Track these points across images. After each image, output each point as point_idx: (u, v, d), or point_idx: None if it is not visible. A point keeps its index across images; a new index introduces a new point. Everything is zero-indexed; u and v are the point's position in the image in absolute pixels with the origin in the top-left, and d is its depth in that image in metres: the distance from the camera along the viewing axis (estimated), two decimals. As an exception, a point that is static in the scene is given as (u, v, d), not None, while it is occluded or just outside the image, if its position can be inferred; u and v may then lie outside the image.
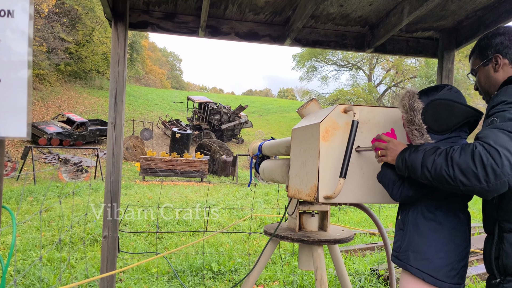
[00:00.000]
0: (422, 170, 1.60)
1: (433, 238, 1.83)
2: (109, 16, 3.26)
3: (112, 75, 3.26)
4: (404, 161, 1.71)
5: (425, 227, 1.86)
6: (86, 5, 32.54)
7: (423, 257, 1.83)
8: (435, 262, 1.80)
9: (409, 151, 1.71)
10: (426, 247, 1.83)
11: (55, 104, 28.94)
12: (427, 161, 1.58)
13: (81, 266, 5.15)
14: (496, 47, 1.80)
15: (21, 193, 10.48)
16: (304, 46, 3.91)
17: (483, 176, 1.40)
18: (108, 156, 3.27)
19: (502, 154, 1.38)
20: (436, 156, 1.55)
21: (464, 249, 1.83)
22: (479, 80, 1.90)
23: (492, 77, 1.82)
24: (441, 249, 1.81)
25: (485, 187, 1.41)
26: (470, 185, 1.43)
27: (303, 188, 2.28)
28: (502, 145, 1.40)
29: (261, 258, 2.92)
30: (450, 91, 1.90)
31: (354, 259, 5.63)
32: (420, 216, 1.89)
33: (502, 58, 1.79)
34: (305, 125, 2.32)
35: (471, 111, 1.83)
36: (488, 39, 1.84)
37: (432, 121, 1.86)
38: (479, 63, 1.88)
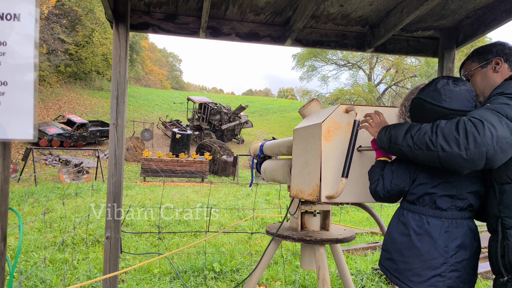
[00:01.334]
0: (405, 136, 1.64)
1: (399, 240, 1.79)
2: (110, 17, 3.27)
3: (113, 76, 3.27)
4: (388, 130, 1.77)
5: (394, 228, 1.85)
6: (86, 6, 32.55)
7: (389, 256, 1.83)
8: (398, 264, 1.77)
9: (394, 124, 1.79)
10: (392, 248, 1.82)
11: (56, 105, 28.95)
12: (412, 129, 1.64)
13: (83, 267, 5.16)
14: (497, 53, 1.86)
15: (26, 194, 10.49)
16: (305, 46, 3.92)
17: (464, 143, 1.45)
18: (110, 157, 3.28)
19: (485, 125, 1.43)
20: (423, 125, 1.62)
21: (433, 259, 1.69)
22: (475, 81, 1.91)
23: (490, 77, 1.84)
24: (404, 253, 1.76)
25: (463, 155, 1.45)
26: (450, 151, 1.48)
27: (305, 188, 2.29)
28: (487, 120, 1.45)
29: (263, 258, 2.93)
30: (436, 86, 1.76)
31: (356, 258, 5.64)
32: (396, 216, 1.89)
33: (503, 62, 1.84)
34: (306, 125, 2.33)
35: (443, 111, 1.69)
36: (488, 47, 1.89)
37: (413, 120, 1.86)
38: (476, 65, 1.91)
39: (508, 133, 1.45)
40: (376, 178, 1.90)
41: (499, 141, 1.43)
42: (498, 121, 1.46)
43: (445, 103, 1.69)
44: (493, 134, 1.42)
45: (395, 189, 1.82)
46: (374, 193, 1.90)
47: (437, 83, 1.77)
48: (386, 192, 1.84)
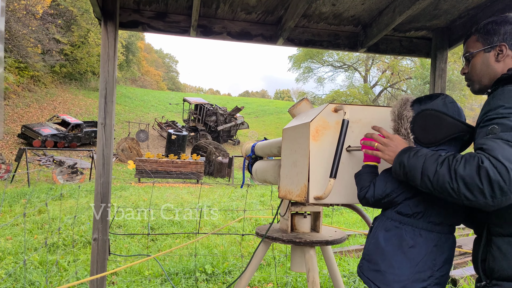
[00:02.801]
0: (423, 178, 1.50)
1: (387, 251, 1.73)
2: (99, 15, 3.22)
3: (102, 75, 3.22)
4: (403, 165, 1.60)
5: (382, 237, 1.77)
6: (81, 6, 32.46)
7: (375, 268, 1.76)
8: (386, 276, 1.71)
9: (408, 155, 1.59)
10: (379, 259, 1.75)
11: (50, 105, 28.81)
12: (428, 170, 1.48)
13: (73, 269, 5.10)
14: (504, 36, 1.66)
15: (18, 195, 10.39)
16: (297, 45, 3.88)
17: (489, 192, 1.32)
18: (98, 157, 3.22)
19: (510, 170, 1.31)
20: (438, 165, 1.45)
21: (423, 272, 1.67)
22: (475, 65, 1.74)
23: (491, 66, 1.68)
24: (393, 265, 1.70)
25: (490, 203, 1.34)
26: (475, 200, 1.36)
27: (293, 188, 2.25)
28: (509, 159, 1.32)
29: (253, 260, 2.88)
30: (444, 101, 1.73)
31: (349, 260, 5.60)
32: (381, 225, 1.81)
33: (508, 48, 1.65)
34: (295, 124, 2.29)
35: (462, 127, 1.67)
36: (496, 25, 1.68)
37: (420, 132, 1.74)
38: (480, 47, 1.71)
39: None
40: (366, 185, 1.83)
41: None
42: None
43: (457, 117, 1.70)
44: None
45: (387, 199, 1.76)
46: (363, 199, 1.84)
47: (446, 99, 1.73)
48: (376, 200, 1.79)
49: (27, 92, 28.11)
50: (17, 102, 26.21)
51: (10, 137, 21.79)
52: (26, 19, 24.68)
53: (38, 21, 26.28)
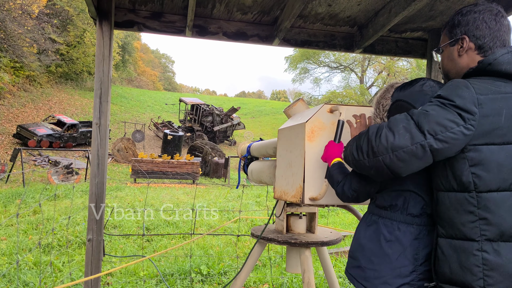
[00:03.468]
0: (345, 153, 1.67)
1: (368, 247, 1.69)
2: (94, 14, 3.21)
3: (97, 75, 3.20)
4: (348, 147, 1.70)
5: (361, 233, 1.75)
6: (77, 6, 32.33)
7: (356, 264, 1.72)
8: (366, 272, 1.67)
9: None
10: (360, 255, 1.72)
11: (46, 105, 28.69)
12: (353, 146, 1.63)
13: (67, 269, 5.07)
14: (466, 27, 1.57)
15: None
16: (293, 46, 3.88)
17: (365, 150, 1.50)
18: (92, 157, 3.21)
19: (383, 134, 1.44)
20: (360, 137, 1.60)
21: (404, 267, 1.61)
22: (442, 60, 1.69)
23: (455, 60, 1.61)
24: (372, 260, 1.66)
25: (366, 162, 1.50)
26: (358, 159, 1.54)
27: (289, 189, 2.24)
28: (392, 127, 1.44)
29: (248, 261, 2.87)
30: (422, 87, 1.67)
31: (344, 261, 5.60)
32: (363, 220, 1.78)
33: (468, 41, 1.56)
34: (290, 125, 2.29)
35: None
36: (461, 15, 1.59)
37: None
38: (446, 40, 1.65)
39: (408, 142, 1.38)
40: (340, 179, 1.79)
41: (394, 150, 1.40)
42: (403, 129, 1.40)
43: None
44: (388, 142, 1.41)
45: (362, 189, 1.71)
46: (342, 194, 1.78)
47: (424, 84, 1.66)
48: (353, 192, 1.73)
49: (23, 92, 27.99)
50: (13, 102, 26.09)
51: (5, 137, 21.69)
52: (21, 19, 24.56)
53: (34, 20, 26.16)
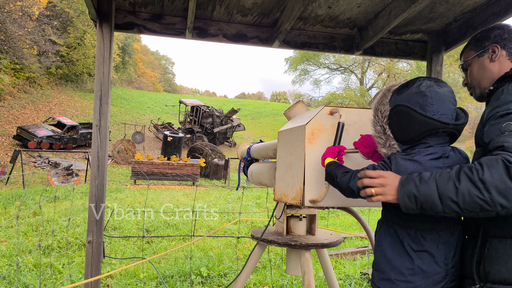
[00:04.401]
0: (445, 202, 1.35)
1: (394, 258, 1.64)
2: (94, 17, 3.21)
3: (97, 76, 3.20)
4: (413, 197, 1.43)
5: (386, 244, 1.69)
6: (77, 8, 32.37)
7: (385, 277, 1.67)
8: (398, 284, 1.63)
9: (414, 185, 1.43)
10: (388, 268, 1.66)
11: (46, 107, 28.71)
12: (447, 191, 1.34)
13: (67, 271, 5.07)
14: (495, 39, 1.70)
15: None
16: (293, 48, 3.88)
17: None
18: (92, 159, 3.20)
19: None
20: (456, 182, 1.33)
21: (436, 274, 1.58)
22: (472, 71, 1.76)
23: (487, 67, 1.70)
24: (403, 272, 1.62)
25: None
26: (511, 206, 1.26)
27: (289, 191, 2.24)
28: None
29: (248, 263, 2.87)
30: (419, 88, 1.63)
31: (345, 263, 5.60)
32: (384, 230, 1.73)
33: (500, 48, 1.68)
34: (291, 127, 2.29)
35: (433, 124, 1.58)
36: (485, 32, 1.73)
37: (395, 129, 1.68)
38: (473, 54, 1.75)
39: None
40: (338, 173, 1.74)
41: None
42: None
43: (433, 106, 1.59)
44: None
45: None
46: (346, 189, 1.73)
47: (421, 85, 1.63)
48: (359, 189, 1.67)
49: (23, 94, 28.01)
50: (13, 104, 26.10)
51: (5, 138, 21.69)
52: (22, 21, 24.58)
53: (34, 22, 26.18)
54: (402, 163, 1.61)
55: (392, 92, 1.73)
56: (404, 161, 1.61)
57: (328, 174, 1.84)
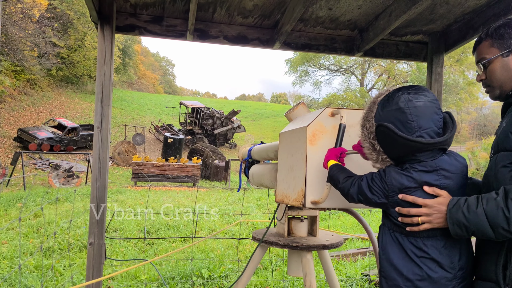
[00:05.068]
0: (497, 231, 1.39)
1: (401, 265, 1.63)
2: (95, 19, 3.22)
3: (98, 78, 3.21)
4: (464, 226, 1.46)
5: (391, 251, 1.67)
6: (78, 10, 32.45)
7: (394, 283, 1.65)
8: None
9: (463, 215, 1.46)
10: (395, 274, 1.65)
11: (47, 109, 28.73)
12: (498, 221, 1.38)
13: (69, 273, 5.07)
14: None
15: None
16: (294, 49, 3.89)
17: None
18: (94, 161, 3.21)
19: None
20: (506, 210, 1.37)
21: (443, 277, 1.58)
22: (494, 71, 1.65)
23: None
24: (411, 278, 1.61)
25: None
26: None
27: (290, 193, 2.24)
28: None
29: (250, 264, 2.87)
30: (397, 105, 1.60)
31: (346, 264, 5.60)
32: (387, 236, 1.71)
33: None
34: (292, 128, 2.29)
35: (417, 146, 1.56)
36: (510, 28, 1.62)
37: (383, 146, 1.66)
38: (497, 52, 1.63)
39: None
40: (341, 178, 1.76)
41: None
42: None
43: (414, 123, 1.57)
44: None
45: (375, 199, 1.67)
46: (347, 195, 1.75)
47: (399, 101, 1.60)
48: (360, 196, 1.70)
49: (23, 96, 28.04)
50: (13, 106, 26.13)
51: (6, 140, 21.71)
52: (22, 23, 24.64)
53: (35, 24, 26.24)
54: (396, 177, 1.61)
55: (377, 104, 1.70)
56: (398, 175, 1.61)
57: (330, 177, 1.84)
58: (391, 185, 1.60)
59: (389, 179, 1.61)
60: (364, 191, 1.67)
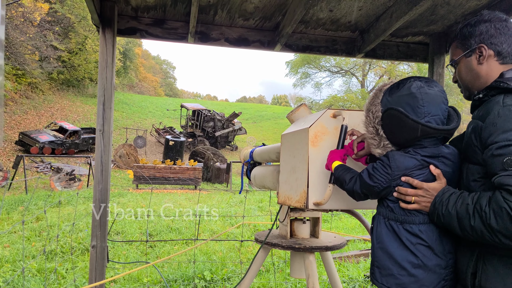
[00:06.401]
0: (463, 232, 1.46)
1: (396, 253, 1.65)
2: (97, 22, 3.23)
3: (100, 81, 3.22)
4: (441, 218, 1.54)
5: (386, 240, 1.69)
6: (79, 13, 32.54)
7: (388, 272, 1.67)
8: (401, 279, 1.64)
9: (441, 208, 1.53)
10: (390, 263, 1.66)
11: (48, 112, 28.78)
12: (465, 224, 1.44)
13: (71, 276, 5.07)
14: (481, 36, 1.60)
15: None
16: (295, 51, 3.90)
17: None
18: (96, 164, 3.22)
19: None
20: (471, 219, 1.42)
21: (436, 265, 1.61)
22: (460, 72, 1.70)
23: (475, 70, 1.63)
24: (406, 266, 1.63)
25: None
26: None
27: (292, 194, 2.25)
28: None
29: (252, 266, 2.87)
30: (409, 90, 1.63)
31: (348, 265, 5.59)
32: (382, 226, 1.73)
33: (487, 49, 1.59)
34: (294, 130, 2.29)
35: (425, 130, 1.58)
36: (471, 27, 1.64)
37: (388, 132, 1.69)
38: (460, 53, 1.67)
39: None
40: (347, 178, 1.78)
41: None
42: None
43: (424, 108, 1.60)
44: None
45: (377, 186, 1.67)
46: (353, 193, 1.77)
47: (411, 86, 1.63)
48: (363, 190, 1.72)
49: (25, 99, 28.09)
50: (15, 109, 26.18)
51: (8, 144, 21.74)
52: (23, 26, 24.71)
53: (36, 28, 26.31)
54: (400, 159, 1.64)
55: (383, 92, 1.74)
56: (402, 157, 1.64)
57: (337, 179, 1.86)
58: (396, 167, 1.64)
59: (393, 162, 1.64)
60: (366, 181, 1.69)
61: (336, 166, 1.87)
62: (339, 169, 1.85)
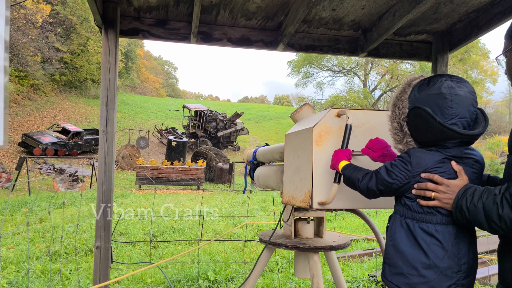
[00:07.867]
0: (490, 225, 1.43)
1: (408, 252, 1.63)
2: (99, 23, 3.23)
3: (103, 82, 3.22)
4: (463, 213, 1.51)
5: (399, 238, 1.68)
6: (80, 15, 32.58)
7: (398, 271, 1.66)
8: (410, 278, 1.62)
9: (466, 202, 1.50)
10: (400, 261, 1.65)
11: (50, 114, 28.84)
12: (492, 215, 1.41)
13: (75, 277, 5.07)
14: None
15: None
16: (297, 51, 3.89)
17: None
18: (100, 165, 3.22)
19: None
20: (500, 208, 1.38)
21: (448, 268, 1.58)
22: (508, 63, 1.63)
23: None
24: (417, 266, 1.61)
25: None
26: None
27: (297, 194, 2.24)
28: None
29: (256, 266, 2.86)
30: (439, 90, 1.60)
31: (352, 265, 5.58)
32: (397, 224, 1.71)
33: None
34: (298, 130, 2.29)
35: (452, 134, 1.57)
36: None
37: (412, 129, 1.68)
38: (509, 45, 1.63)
39: None
40: (359, 176, 1.76)
41: None
42: None
43: (452, 109, 1.58)
44: None
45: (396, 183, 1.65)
46: (367, 191, 1.75)
47: (442, 86, 1.60)
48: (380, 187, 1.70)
49: (27, 101, 28.16)
50: (17, 111, 26.25)
51: (11, 145, 21.79)
52: (25, 28, 24.76)
53: (38, 30, 26.36)
54: (421, 156, 1.62)
55: (412, 87, 1.71)
56: (423, 154, 1.63)
57: (347, 178, 1.84)
58: (416, 164, 1.62)
59: (414, 159, 1.62)
60: (384, 178, 1.67)
61: (344, 165, 1.86)
62: (348, 168, 1.83)
